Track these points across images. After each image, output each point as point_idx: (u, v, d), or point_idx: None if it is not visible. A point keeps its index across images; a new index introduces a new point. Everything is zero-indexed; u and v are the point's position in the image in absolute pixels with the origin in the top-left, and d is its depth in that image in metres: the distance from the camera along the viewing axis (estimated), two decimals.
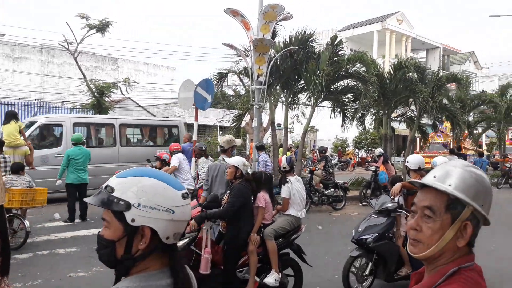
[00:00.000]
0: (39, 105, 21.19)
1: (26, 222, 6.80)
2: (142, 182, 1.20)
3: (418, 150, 24.15)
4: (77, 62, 17.99)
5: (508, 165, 18.68)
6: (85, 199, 1.30)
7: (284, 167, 5.43)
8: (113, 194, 1.19)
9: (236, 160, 4.72)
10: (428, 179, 1.26)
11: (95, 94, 16.97)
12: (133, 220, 1.17)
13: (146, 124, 14.75)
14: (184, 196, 1.24)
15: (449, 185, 1.21)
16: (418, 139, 21.90)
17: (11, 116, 8.55)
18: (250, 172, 4.94)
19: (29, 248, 6.74)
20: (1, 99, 21.13)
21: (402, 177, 10.68)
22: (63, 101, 25.54)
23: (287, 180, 5.21)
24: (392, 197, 5.31)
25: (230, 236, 4.50)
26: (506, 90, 23.26)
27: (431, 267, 1.25)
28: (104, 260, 1.24)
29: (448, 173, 1.23)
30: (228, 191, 4.72)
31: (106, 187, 1.22)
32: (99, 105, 17.01)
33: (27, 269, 5.81)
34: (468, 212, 1.20)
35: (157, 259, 1.22)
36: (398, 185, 4.87)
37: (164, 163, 8.12)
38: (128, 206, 1.17)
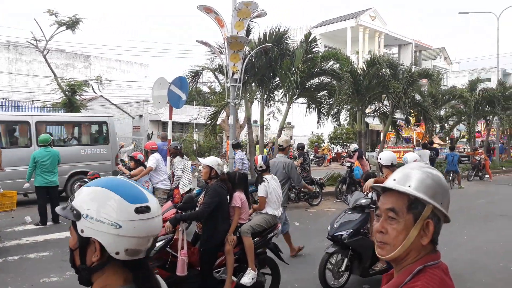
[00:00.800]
0: (7, 105, 20.51)
1: None
2: (94, 192, 1.17)
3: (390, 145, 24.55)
4: (46, 60, 17.54)
5: (478, 158, 19.25)
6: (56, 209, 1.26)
7: (261, 167, 5.43)
8: (72, 202, 1.18)
9: (210, 160, 4.67)
10: (389, 183, 1.32)
11: (66, 92, 16.58)
12: (82, 231, 1.14)
13: (69, 121, 12.91)
14: (138, 210, 1.16)
15: (409, 186, 1.28)
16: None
17: None
18: (225, 172, 4.92)
19: None
20: None
21: (376, 172, 10.87)
22: (32, 100, 24.82)
23: (264, 179, 5.22)
24: (365, 193, 5.39)
25: (206, 237, 4.46)
26: (475, 85, 23.94)
27: (399, 267, 1.30)
28: (71, 265, 1.23)
29: (407, 176, 1.31)
30: (204, 192, 4.69)
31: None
32: (71, 104, 16.64)
33: None
34: (428, 210, 1.26)
35: (119, 274, 1.17)
36: (370, 181, 4.94)
37: (139, 163, 7.96)
38: (78, 216, 1.14)
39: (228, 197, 4.69)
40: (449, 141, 27.19)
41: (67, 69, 31.66)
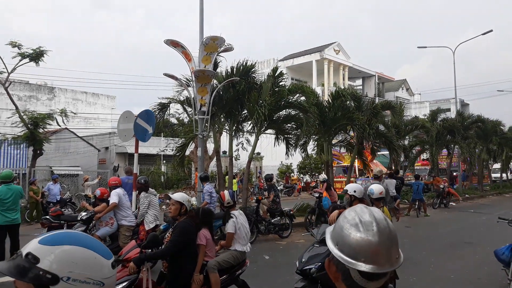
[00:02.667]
0: None
1: None
2: (72, 252, 1.11)
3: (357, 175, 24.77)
4: (8, 92, 17.03)
5: (442, 186, 19.81)
6: None
7: (228, 202, 5.36)
8: (38, 265, 1.07)
9: (180, 196, 4.50)
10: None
11: (29, 125, 16.07)
12: None
13: None
14: (113, 266, 1.19)
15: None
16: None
17: None
18: (193, 204, 4.83)
19: None
20: None
21: (344, 203, 10.95)
22: None
23: (232, 215, 5.14)
24: (330, 224, 5.39)
25: (172, 276, 4.30)
26: (436, 115, 24.91)
27: None
28: None
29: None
30: (171, 229, 4.53)
31: (27, 255, 1.09)
32: (33, 137, 16.10)
33: None
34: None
35: None
36: (335, 213, 4.96)
37: (101, 200, 7.71)
38: (55, 280, 1.07)
39: (196, 234, 4.58)
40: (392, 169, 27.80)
41: (31, 101, 30.93)
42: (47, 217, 8.72)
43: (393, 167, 19.22)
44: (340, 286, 1.24)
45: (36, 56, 16.40)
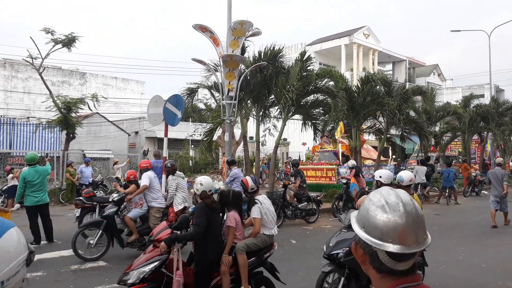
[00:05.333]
0: (2, 122, 20.48)
1: None
2: None
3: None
4: (42, 77, 17.56)
5: (474, 173, 19.29)
6: None
7: (252, 188, 5.38)
8: None
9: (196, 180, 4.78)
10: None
11: (62, 110, 16.55)
12: None
13: None
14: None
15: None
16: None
17: None
18: (221, 188, 4.91)
19: None
20: None
21: (372, 189, 10.85)
22: (28, 117, 24.83)
23: (256, 200, 5.15)
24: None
25: (198, 256, 4.43)
26: (469, 101, 24.17)
27: None
28: None
29: None
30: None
31: None
32: (66, 121, 16.60)
33: None
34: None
35: None
36: (362, 198, 4.92)
37: (130, 182, 7.91)
38: None
39: (216, 215, 4.68)
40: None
41: (63, 86, 31.75)
42: (80, 198, 9.01)
43: (423, 154, 18.81)
44: (368, 269, 1.25)
45: (68, 42, 16.80)
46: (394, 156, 22.98)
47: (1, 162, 18.51)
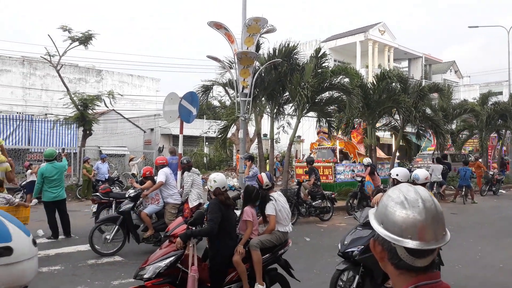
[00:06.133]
0: (21, 118, 20.85)
1: None
2: None
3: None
4: (59, 75, 17.82)
5: (491, 172, 18.97)
6: None
7: (267, 185, 5.40)
8: None
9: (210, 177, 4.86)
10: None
11: (79, 107, 16.78)
12: None
13: None
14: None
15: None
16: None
17: None
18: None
19: None
20: None
21: (388, 187, 10.76)
22: (46, 114, 25.22)
23: (271, 197, 5.17)
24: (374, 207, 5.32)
25: (213, 252, 4.47)
26: (487, 98, 23.72)
27: None
28: None
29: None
30: None
31: None
32: (83, 118, 16.82)
33: None
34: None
35: None
36: (379, 195, 4.89)
37: (145, 178, 8.00)
38: None
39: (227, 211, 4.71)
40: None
41: (80, 83, 32.18)
42: (97, 194, 9.13)
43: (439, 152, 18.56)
44: (386, 265, 1.25)
45: (85, 39, 17.00)
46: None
47: (20, 158, 18.86)
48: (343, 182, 15.94)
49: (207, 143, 28.88)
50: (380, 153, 18.43)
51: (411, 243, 1.16)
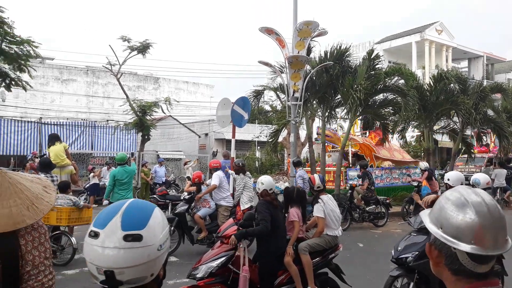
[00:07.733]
0: (85, 125, 22.14)
1: (73, 239, 7.08)
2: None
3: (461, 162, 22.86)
4: (120, 83, 18.74)
5: None
6: None
7: (319, 187, 5.39)
8: None
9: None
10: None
11: (138, 113, 17.53)
12: None
13: None
14: (90, 234, 1.23)
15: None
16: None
17: (54, 138, 8.92)
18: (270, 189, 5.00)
19: (76, 264, 7.00)
20: (51, 120, 22.34)
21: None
22: (107, 120, 26.62)
23: (319, 199, 5.16)
24: (423, 207, 5.14)
25: (263, 252, 4.54)
26: None
27: None
28: None
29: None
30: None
31: None
32: (142, 124, 17.55)
33: (73, 285, 6.04)
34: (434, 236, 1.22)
35: None
36: (429, 197, 4.72)
37: (193, 184, 8.28)
38: None
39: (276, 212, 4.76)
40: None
41: (139, 91, 33.68)
42: (154, 196, 9.51)
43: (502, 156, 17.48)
44: (441, 271, 1.22)
45: (143, 48, 17.76)
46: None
47: (84, 162, 20.02)
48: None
49: (259, 147, 29.12)
50: (404, 157, 16.68)
51: (474, 249, 1.11)
